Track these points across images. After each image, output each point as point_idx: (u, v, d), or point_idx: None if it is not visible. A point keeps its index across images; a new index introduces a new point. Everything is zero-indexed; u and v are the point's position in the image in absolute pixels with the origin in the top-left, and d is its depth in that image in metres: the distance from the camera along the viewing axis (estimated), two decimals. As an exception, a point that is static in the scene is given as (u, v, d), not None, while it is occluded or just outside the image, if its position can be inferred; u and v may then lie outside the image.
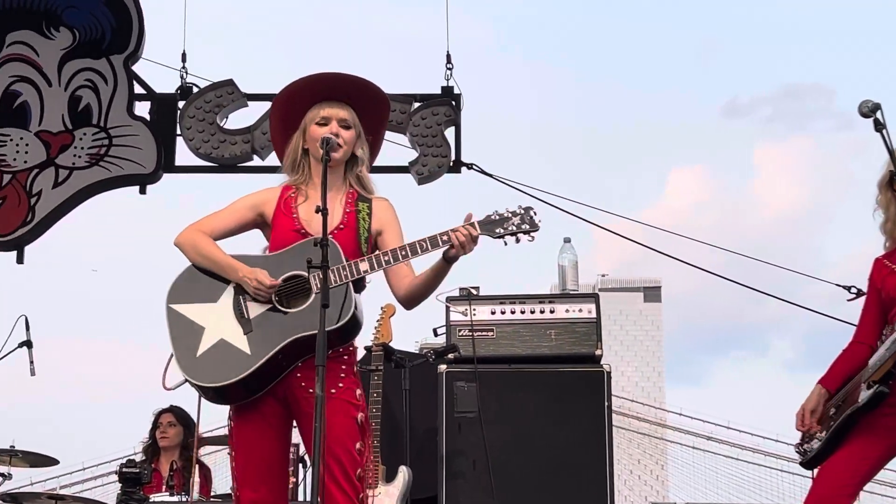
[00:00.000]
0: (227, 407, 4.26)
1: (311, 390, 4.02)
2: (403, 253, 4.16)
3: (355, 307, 4.10)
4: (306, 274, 4.10)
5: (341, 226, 4.28)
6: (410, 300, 4.37)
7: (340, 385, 4.17)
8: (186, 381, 4.14)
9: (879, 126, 4.12)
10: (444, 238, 4.14)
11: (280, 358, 4.09)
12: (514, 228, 4.17)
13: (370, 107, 4.46)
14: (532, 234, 4.20)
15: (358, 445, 4.13)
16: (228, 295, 4.18)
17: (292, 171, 4.39)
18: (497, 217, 4.20)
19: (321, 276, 3.93)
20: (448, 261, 4.18)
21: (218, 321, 4.14)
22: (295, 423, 4.30)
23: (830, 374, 4.68)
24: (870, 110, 4.14)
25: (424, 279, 4.28)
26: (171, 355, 4.15)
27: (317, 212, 4.01)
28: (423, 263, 4.30)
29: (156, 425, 7.61)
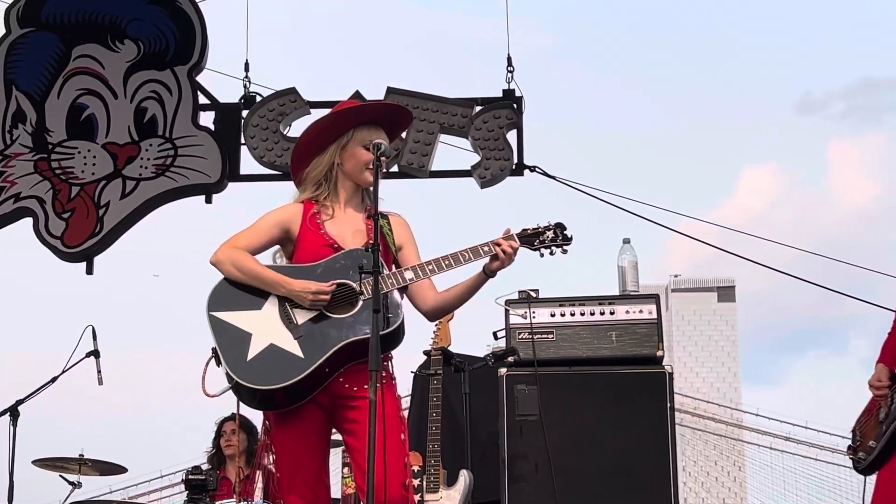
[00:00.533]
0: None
1: (355, 389, 4.19)
2: (447, 262, 4.27)
3: (403, 314, 4.22)
4: (351, 283, 4.21)
5: (370, 241, 4.30)
6: (439, 313, 4.49)
7: (383, 381, 4.20)
8: (234, 386, 4.20)
9: None
10: (486, 249, 4.25)
11: (330, 362, 4.17)
12: (548, 241, 4.34)
13: (397, 131, 4.67)
14: (565, 247, 4.37)
15: (403, 436, 4.22)
16: (272, 303, 4.28)
17: (315, 187, 4.48)
18: (532, 231, 4.34)
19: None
20: (488, 274, 4.31)
21: (265, 327, 4.22)
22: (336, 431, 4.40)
23: (885, 354, 4.72)
24: None
25: (459, 291, 4.40)
26: (208, 362, 4.25)
27: (368, 217, 4.11)
28: (449, 278, 4.41)
29: (219, 434, 7.68)
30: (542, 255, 4.36)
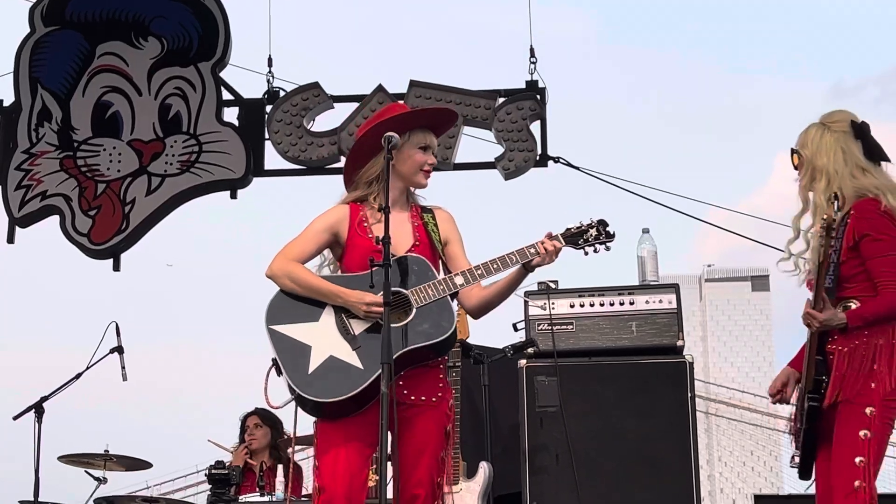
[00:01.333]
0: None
1: (412, 398, 4.31)
2: (496, 266, 4.39)
3: (456, 322, 4.33)
4: (403, 290, 4.31)
5: (416, 242, 4.48)
6: (482, 310, 4.57)
7: (440, 394, 4.40)
8: (296, 398, 4.29)
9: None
10: (532, 251, 4.39)
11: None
12: (592, 239, 4.48)
13: (443, 132, 4.75)
14: (608, 244, 4.51)
15: (442, 454, 4.34)
16: (329, 314, 4.36)
17: (367, 186, 4.55)
18: (576, 230, 4.48)
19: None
20: (528, 269, 4.43)
21: (323, 339, 4.31)
22: None
23: (797, 358, 4.69)
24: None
25: (499, 288, 4.50)
26: (269, 372, 4.33)
27: (379, 210, 4.14)
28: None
29: (243, 428, 7.72)
30: (586, 254, 4.51)
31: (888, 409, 4.32)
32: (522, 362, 6.09)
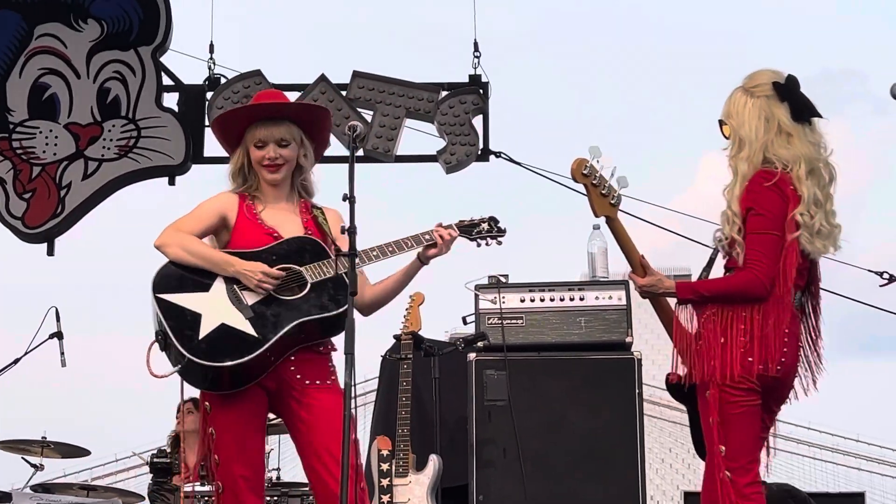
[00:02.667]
0: None
1: (307, 382, 4.27)
2: (391, 249, 4.38)
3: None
4: (297, 267, 4.29)
5: (308, 231, 4.46)
6: (374, 305, 4.57)
7: (333, 378, 4.36)
8: (184, 367, 4.19)
9: None
10: (427, 237, 4.42)
11: (285, 343, 4.21)
12: (484, 232, 4.60)
13: (307, 118, 4.60)
14: (499, 238, 4.63)
15: (354, 436, 4.21)
16: (220, 284, 4.30)
17: (241, 181, 4.53)
18: (469, 222, 4.59)
19: (347, 264, 4.06)
20: (423, 261, 4.47)
21: (214, 308, 4.24)
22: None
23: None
24: None
25: (394, 281, 4.54)
26: (151, 345, 4.25)
27: (344, 200, 4.12)
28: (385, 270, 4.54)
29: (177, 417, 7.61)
30: (478, 245, 4.61)
31: (736, 392, 4.14)
32: (472, 356, 6.08)
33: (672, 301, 4.38)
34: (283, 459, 7.81)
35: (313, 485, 4.29)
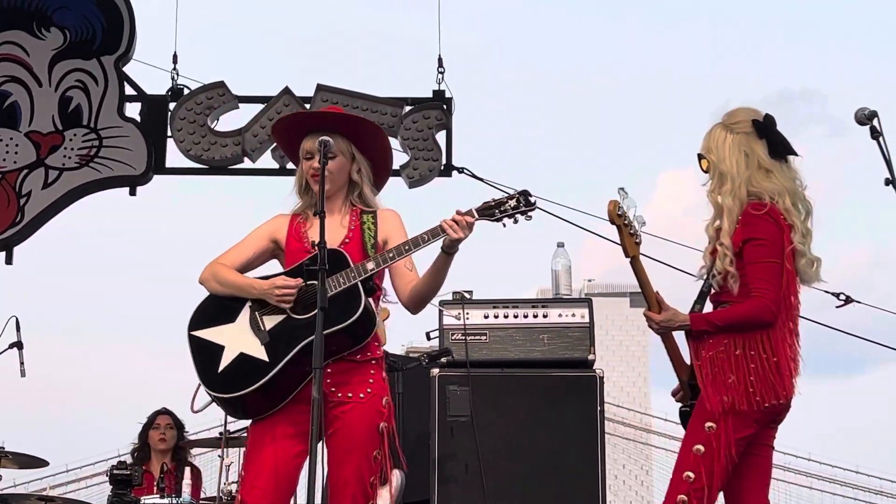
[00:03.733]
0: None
1: (340, 395, 4.24)
2: (406, 247, 4.28)
3: (364, 305, 4.20)
4: (314, 283, 4.16)
5: (346, 239, 4.40)
6: (416, 302, 4.46)
7: (369, 391, 4.29)
8: (212, 400, 4.27)
9: (876, 134, 4.12)
10: (442, 227, 4.25)
11: (301, 362, 4.15)
12: (511, 210, 4.31)
13: (362, 132, 4.55)
14: (529, 213, 4.35)
15: (375, 453, 4.25)
16: (245, 313, 4.31)
17: (300, 196, 4.53)
18: (493, 202, 4.33)
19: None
20: (447, 252, 4.29)
21: (236, 338, 4.27)
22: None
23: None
24: (866, 118, 4.14)
25: (426, 278, 4.39)
26: (200, 384, 4.28)
27: (314, 214, 4.09)
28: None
29: (152, 426, 7.57)
30: (504, 226, 4.34)
31: (735, 426, 4.20)
32: (435, 371, 6.09)
33: (678, 334, 4.42)
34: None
35: (327, 488, 4.27)
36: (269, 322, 4.25)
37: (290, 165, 7.98)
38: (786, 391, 4.27)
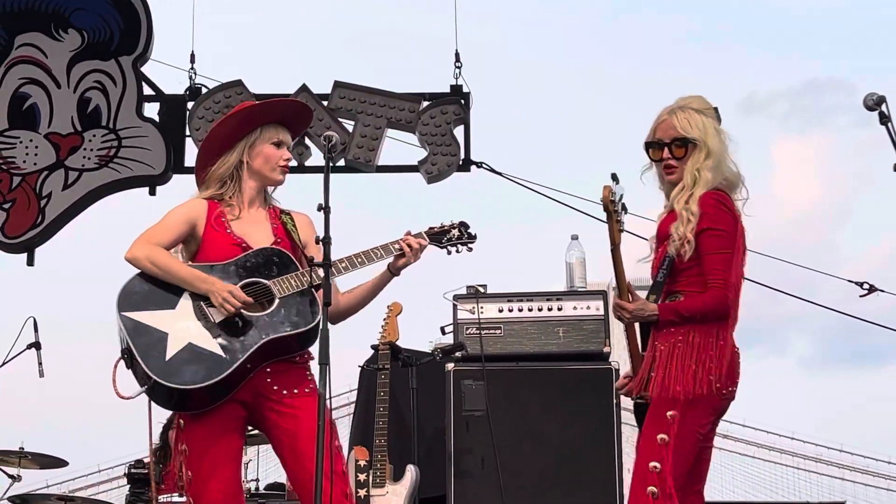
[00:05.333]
0: None
1: (284, 392, 4.21)
2: (360, 260, 4.33)
3: (321, 311, 4.14)
4: (264, 281, 4.23)
5: (277, 240, 4.40)
6: (343, 314, 4.50)
7: (311, 387, 4.28)
8: (151, 388, 4.13)
9: (884, 119, 4.09)
10: (396, 246, 4.36)
11: (253, 361, 4.15)
12: (455, 240, 4.50)
13: (299, 129, 4.67)
14: (470, 245, 4.54)
15: (337, 442, 4.23)
16: (186, 301, 4.23)
17: (220, 185, 4.46)
18: (438, 230, 4.49)
19: (322, 274, 4.08)
20: (394, 272, 4.41)
21: (181, 327, 4.18)
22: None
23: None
24: (875, 103, 4.10)
25: (364, 291, 4.48)
26: (117, 363, 4.18)
27: (318, 210, 4.08)
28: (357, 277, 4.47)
29: (171, 426, 7.56)
30: (448, 253, 4.51)
31: (697, 414, 4.20)
32: (450, 366, 6.09)
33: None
34: (267, 470, 7.82)
35: (298, 491, 4.24)
36: (218, 315, 4.19)
37: (308, 162, 8.08)
38: (738, 378, 4.30)
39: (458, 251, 4.51)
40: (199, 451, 4.23)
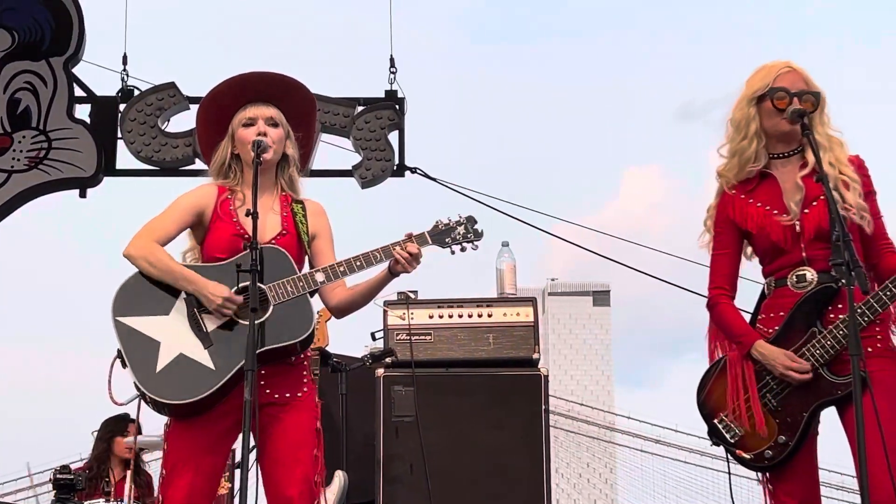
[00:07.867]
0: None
1: (276, 396, 4.16)
2: (359, 264, 4.24)
3: (314, 319, 4.18)
4: (261, 286, 4.09)
5: (283, 231, 4.31)
6: (344, 310, 4.44)
7: (305, 390, 4.24)
8: (142, 396, 4.08)
9: (805, 131, 4.15)
10: (398, 250, 4.24)
11: (239, 373, 4.06)
12: (461, 238, 4.34)
13: (296, 104, 4.45)
14: (476, 242, 4.37)
15: (315, 452, 4.19)
16: (181, 307, 4.15)
17: (221, 175, 4.38)
18: (443, 227, 4.35)
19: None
20: (394, 273, 4.29)
21: (173, 335, 4.10)
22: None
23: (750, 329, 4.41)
24: (797, 116, 4.17)
25: (364, 289, 4.37)
26: (112, 365, 4.11)
27: (247, 215, 4.04)
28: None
29: (119, 432, 7.44)
30: (452, 253, 4.36)
31: None
32: (380, 371, 6.08)
33: None
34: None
35: (267, 488, 4.17)
36: (211, 323, 4.10)
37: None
38: None
39: (462, 250, 4.36)
40: (180, 450, 4.14)
